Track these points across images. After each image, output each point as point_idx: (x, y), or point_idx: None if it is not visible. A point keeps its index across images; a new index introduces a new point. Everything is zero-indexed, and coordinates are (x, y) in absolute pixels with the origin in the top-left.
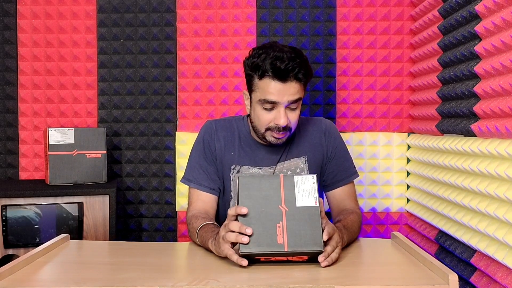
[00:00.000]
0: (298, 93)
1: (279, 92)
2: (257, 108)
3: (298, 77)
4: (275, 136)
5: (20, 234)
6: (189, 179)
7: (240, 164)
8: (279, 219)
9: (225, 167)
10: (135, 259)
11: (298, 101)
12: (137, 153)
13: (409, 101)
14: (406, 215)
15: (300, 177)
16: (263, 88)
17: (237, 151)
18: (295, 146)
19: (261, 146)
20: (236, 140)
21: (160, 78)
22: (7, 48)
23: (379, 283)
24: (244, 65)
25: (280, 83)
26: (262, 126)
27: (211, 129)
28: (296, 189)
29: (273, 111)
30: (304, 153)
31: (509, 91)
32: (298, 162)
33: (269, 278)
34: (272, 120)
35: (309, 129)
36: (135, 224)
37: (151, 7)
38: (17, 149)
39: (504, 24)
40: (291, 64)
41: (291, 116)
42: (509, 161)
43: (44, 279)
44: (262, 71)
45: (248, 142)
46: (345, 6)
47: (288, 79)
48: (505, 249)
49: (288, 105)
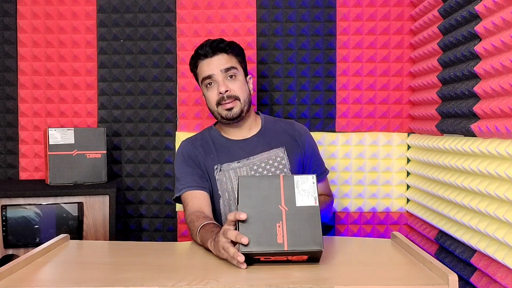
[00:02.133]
0: (228, 62)
1: (209, 66)
2: (204, 91)
3: (220, 47)
4: (225, 108)
5: (20, 234)
6: (179, 188)
7: (221, 163)
8: (279, 219)
9: (209, 169)
10: (135, 259)
11: (231, 69)
12: (137, 153)
13: (409, 101)
14: (406, 215)
15: (300, 177)
16: (200, 70)
17: (215, 153)
18: (270, 138)
19: (233, 143)
20: (211, 144)
21: (160, 78)
22: (7, 48)
23: (379, 283)
24: (190, 68)
25: (208, 59)
26: (213, 103)
27: (187, 144)
28: (296, 189)
29: (214, 86)
30: (281, 144)
31: (509, 91)
32: (278, 152)
33: (269, 278)
34: (216, 93)
35: (283, 126)
36: (135, 224)
37: (151, 7)
38: (17, 149)
39: (504, 24)
40: (210, 42)
41: (232, 85)
42: (509, 161)
43: (44, 279)
44: (195, 59)
45: (221, 143)
46: (345, 6)
47: (213, 54)
48: (505, 249)
49: (225, 75)
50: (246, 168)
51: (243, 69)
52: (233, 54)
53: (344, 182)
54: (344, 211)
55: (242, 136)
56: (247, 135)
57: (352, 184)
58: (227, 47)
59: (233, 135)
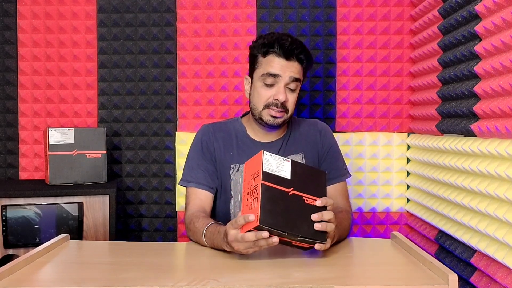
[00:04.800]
0: (299, 73)
1: (282, 67)
2: (258, 85)
3: (300, 57)
4: (272, 114)
5: (20, 234)
6: (188, 180)
7: (240, 162)
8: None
9: (224, 166)
10: (135, 259)
11: (297, 81)
12: (137, 153)
13: (409, 101)
14: (406, 215)
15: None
16: (267, 63)
17: (236, 151)
18: (292, 143)
19: (258, 144)
20: (234, 140)
21: (160, 78)
22: (7, 48)
23: (379, 283)
24: (251, 48)
25: (284, 60)
26: (261, 102)
27: (208, 131)
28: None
29: (273, 88)
30: (301, 150)
31: (509, 91)
32: (296, 158)
33: (269, 278)
34: (271, 96)
35: (306, 128)
36: (135, 224)
37: (151, 7)
38: (17, 149)
39: (504, 24)
40: (295, 44)
41: (290, 97)
42: (509, 161)
43: (44, 279)
44: (268, 48)
45: (245, 141)
46: (345, 6)
47: (291, 58)
48: (505, 249)
49: (288, 84)
50: None
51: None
52: (304, 68)
53: None
54: None
55: (268, 139)
56: (272, 138)
57: (352, 184)
58: (305, 60)
59: (260, 137)
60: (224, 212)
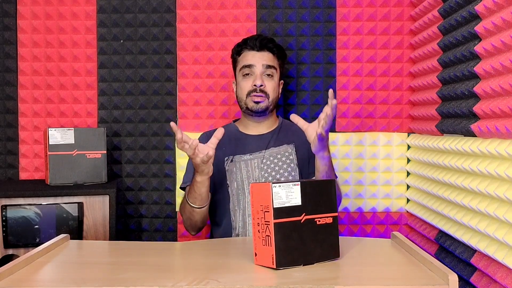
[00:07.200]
0: (272, 61)
1: (254, 57)
2: (239, 79)
3: (269, 46)
4: (254, 100)
5: (20, 234)
6: (185, 181)
7: (233, 154)
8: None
9: (218, 163)
10: (135, 259)
11: (272, 68)
12: (137, 153)
13: (409, 101)
14: (406, 215)
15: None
16: (242, 59)
17: (227, 145)
18: (283, 136)
19: (249, 137)
20: (226, 138)
21: (160, 79)
22: (7, 49)
23: (379, 283)
24: (231, 55)
25: (255, 52)
26: (244, 92)
27: (206, 137)
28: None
29: (251, 77)
30: (291, 141)
31: (509, 91)
32: (287, 148)
33: (269, 278)
34: (251, 84)
35: (296, 127)
36: (135, 225)
37: (151, 7)
38: (17, 149)
39: (504, 24)
40: (263, 37)
41: (267, 83)
42: (509, 161)
43: (44, 279)
44: (241, 47)
45: (237, 136)
46: (345, 6)
47: (262, 49)
48: (505, 249)
49: (264, 72)
50: (257, 160)
51: (280, 73)
52: (277, 56)
53: (344, 182)
54: (344, 211)
55: (258, 132)
56: (264, 131)
57: (352, 184)
58: (274, 48)
59: (251, 131)
60: (223, 209)
